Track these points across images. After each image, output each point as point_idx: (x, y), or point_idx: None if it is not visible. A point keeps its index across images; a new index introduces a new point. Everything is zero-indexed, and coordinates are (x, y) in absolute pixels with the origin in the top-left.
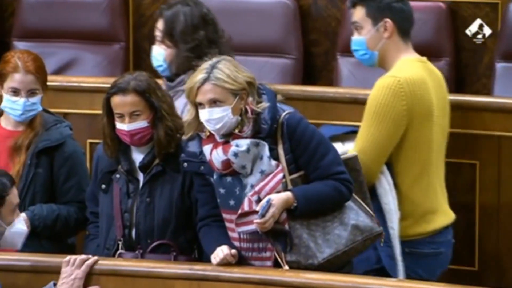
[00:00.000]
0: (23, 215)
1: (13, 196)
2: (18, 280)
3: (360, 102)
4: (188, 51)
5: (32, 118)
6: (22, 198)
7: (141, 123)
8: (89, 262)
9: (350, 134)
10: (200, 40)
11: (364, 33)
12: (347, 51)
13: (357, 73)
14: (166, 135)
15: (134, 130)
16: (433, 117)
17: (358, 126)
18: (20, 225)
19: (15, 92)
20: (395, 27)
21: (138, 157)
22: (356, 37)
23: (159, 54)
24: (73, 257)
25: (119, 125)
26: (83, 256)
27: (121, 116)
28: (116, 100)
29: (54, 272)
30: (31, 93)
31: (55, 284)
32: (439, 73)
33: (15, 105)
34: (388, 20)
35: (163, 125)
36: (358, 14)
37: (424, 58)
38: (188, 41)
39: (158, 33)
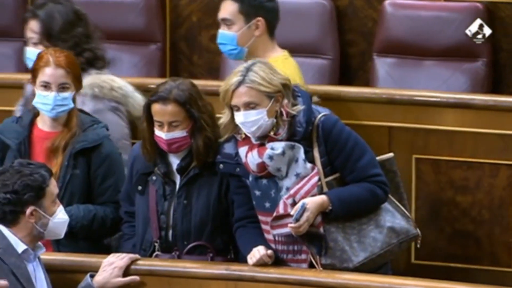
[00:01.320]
0: None
1: (53, 186)
2: (55, 279)
3: (397, 103)
4: (68, 49)
5: (69, 118)
6: (59, 199)
7: (179, 133)
8: (131, 255)
9: None
10: (78, 37)
11: (235, 29)
12: (384, 52)
13: (394, 73)
14: (205, 145)
15: (172, 140)
16: None
17: (394, 127)
18: (61, 214)
19: (46, 86)
20: (266, 26)
21: (175, 159)
22: (225, 32)
23: (35, 56)
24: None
25: (158, 133)
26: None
27: (161, 124)
28: (157, 108)
29: (91, 271)
30: (61, 87)
31: (92, 276)
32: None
33: (45, 99)
34: (260, 18)
35: (202, 135)
36: (229, 9)
37: (287, 53)
38: (67, 39)
39: (32, 35)
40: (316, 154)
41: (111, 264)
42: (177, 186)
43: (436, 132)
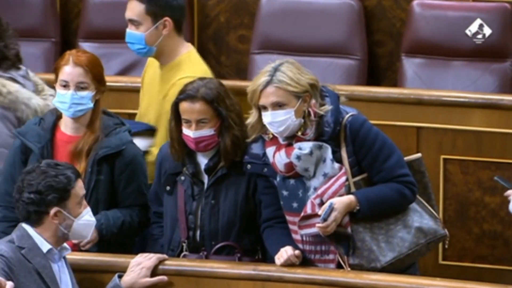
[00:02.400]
0: None
1: (79, 188)
2: (85, 279)
3: (425, 103)
4: None
5: (91, 121)
6: None
7: (207, 131)
8: (159, 255)
9: (147, 131)
10: None
11: (142, 29)
12: (412, 52)
13: (422, 74)
14: (233, 144)
15: (199, 138)
16: None
17: (422, 128)
18: (87, 216)
19: (65, 85)
20: (173, 24)
21: (203, 159)
22: (133, 32)
23: None
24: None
25: (186, 131)
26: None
27: (188, 123)
28: (185, 106)
29: (119, 271)
30: (79, 86)
31: (119, 277)
32: None
33: (63, 98)
34: (167, 18)
35: (230, 134)
36: (136, 10)
37: (191, 47)
38: None
39: None
40: (344, 154)
41: (139, 264)
42: (205, 186)
43: (464, 132)
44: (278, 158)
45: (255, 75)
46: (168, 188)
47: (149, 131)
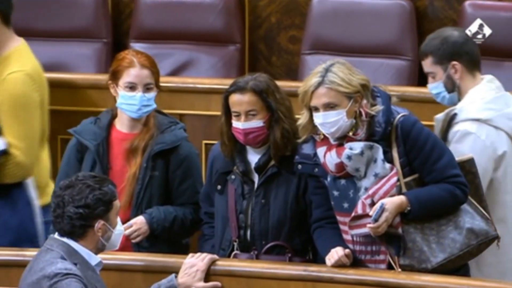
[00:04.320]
0: (141, 218)
1: (118, 200)
2: (134, 279)
3: None
4: None
5: (147, 119)
6: (139, 200)
7: (256, 123)
8: (211, 256)
9: None
10: None
11: None
12: None
13: None
14: (283, 137)
15: (248, 129)
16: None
17: None
18: (119, 225)
19: (132, 87)
20: (1, 18)
21: (253, 158)
22: None
23: None
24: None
25: (235, 123)
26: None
27: (238, 115)
28: (234, 98)
29: (169, 272)
30: (147, 88)
31: (176, 276)
32: None
33: (131, 100)
34: None
35: (280, 126)
36: None
37: (22, 41)
38: None
39: None
40: (395, 154)
41: (193, 267)
42: (255, 185)
43: None
44: (329, 158)
45: (306, 76)
46: (219, 187)
47: None
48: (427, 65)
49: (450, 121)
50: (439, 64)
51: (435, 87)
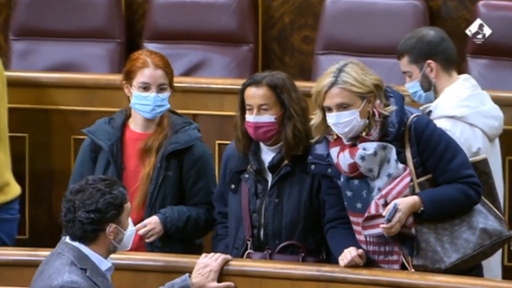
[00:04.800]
0: (155, 218)
1: (129, 203)
2: (148, 279)
3: None
4: None
5: (161, 119)
6: (153, 200)
7: (267, 117)
8: (224, 256)
9: None
10: None
11: None
12: (477, 53)
13: (487, 74)
14: (294, 136)
15: (259, 123)
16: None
17: None
18: (130, 226)
19: (146, 88)
20: None
21: (267, 157)
22: None
23: None
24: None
25: (247, 117)
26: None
27: (251, 108)
28: (249, 91)
29: (183, 271)
30: (160, 88)
31: (189, 276)
32: None
33: (145, 100)
34: None
35: (291, 124)
36: None
37: None
38: None
39: None
40: (408, 154)
41: (206, 267)
42: (269, 185)
43: None
44: (342, 159)
45: (319, 76)
46: (232, 186)
47: None
48: (404, 64)
49: None
50: (414, 63)
51: (411, 86)
